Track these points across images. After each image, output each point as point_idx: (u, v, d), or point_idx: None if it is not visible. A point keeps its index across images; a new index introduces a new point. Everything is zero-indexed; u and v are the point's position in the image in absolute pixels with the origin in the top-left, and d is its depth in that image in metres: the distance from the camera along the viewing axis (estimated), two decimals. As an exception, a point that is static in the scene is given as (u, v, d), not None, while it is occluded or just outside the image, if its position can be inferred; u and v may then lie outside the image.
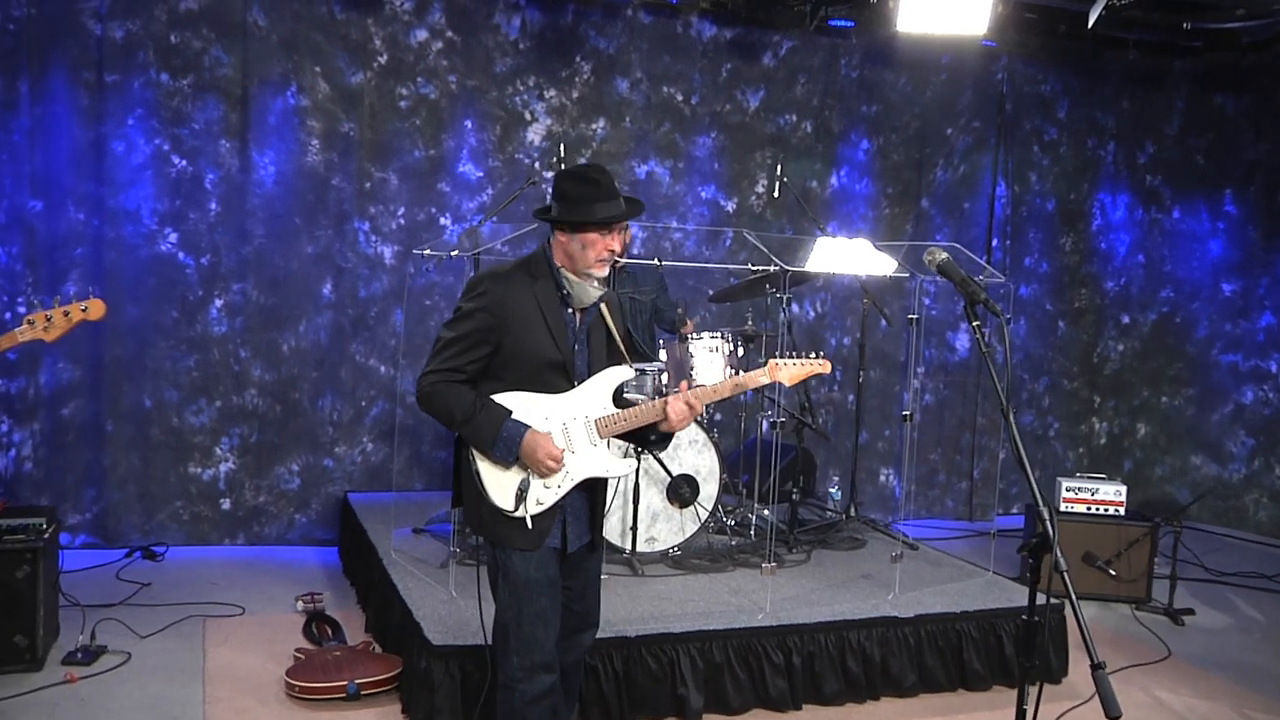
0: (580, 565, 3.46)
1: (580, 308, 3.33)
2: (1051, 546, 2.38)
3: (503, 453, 3.21)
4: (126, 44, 6.17)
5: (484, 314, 3.22)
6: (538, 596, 3.28)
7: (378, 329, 6.82)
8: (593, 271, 3.26)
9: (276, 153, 6.54)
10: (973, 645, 4.93)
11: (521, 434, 3.21)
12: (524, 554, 3.26)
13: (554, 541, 3.32)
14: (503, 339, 3.23)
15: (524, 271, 3.30)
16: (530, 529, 3.24)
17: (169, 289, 6.42)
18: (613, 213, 3.21)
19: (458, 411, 3.21)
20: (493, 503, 3.25)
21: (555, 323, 3.27)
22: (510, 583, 3.28)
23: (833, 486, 6.87)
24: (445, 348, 3.26)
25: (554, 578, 3.33)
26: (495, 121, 6.93)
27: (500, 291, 3.23)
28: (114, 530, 6.43)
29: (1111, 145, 8.43)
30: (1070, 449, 8.71)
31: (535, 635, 3.28)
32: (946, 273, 2.89)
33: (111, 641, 4.91)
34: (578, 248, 3.24)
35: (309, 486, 6.77)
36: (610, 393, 3.35)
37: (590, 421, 3.31)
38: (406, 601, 4.68)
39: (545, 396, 3.28)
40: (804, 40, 7.49)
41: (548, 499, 3.28)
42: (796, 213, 7.49)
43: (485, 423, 3.20)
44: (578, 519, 3.41)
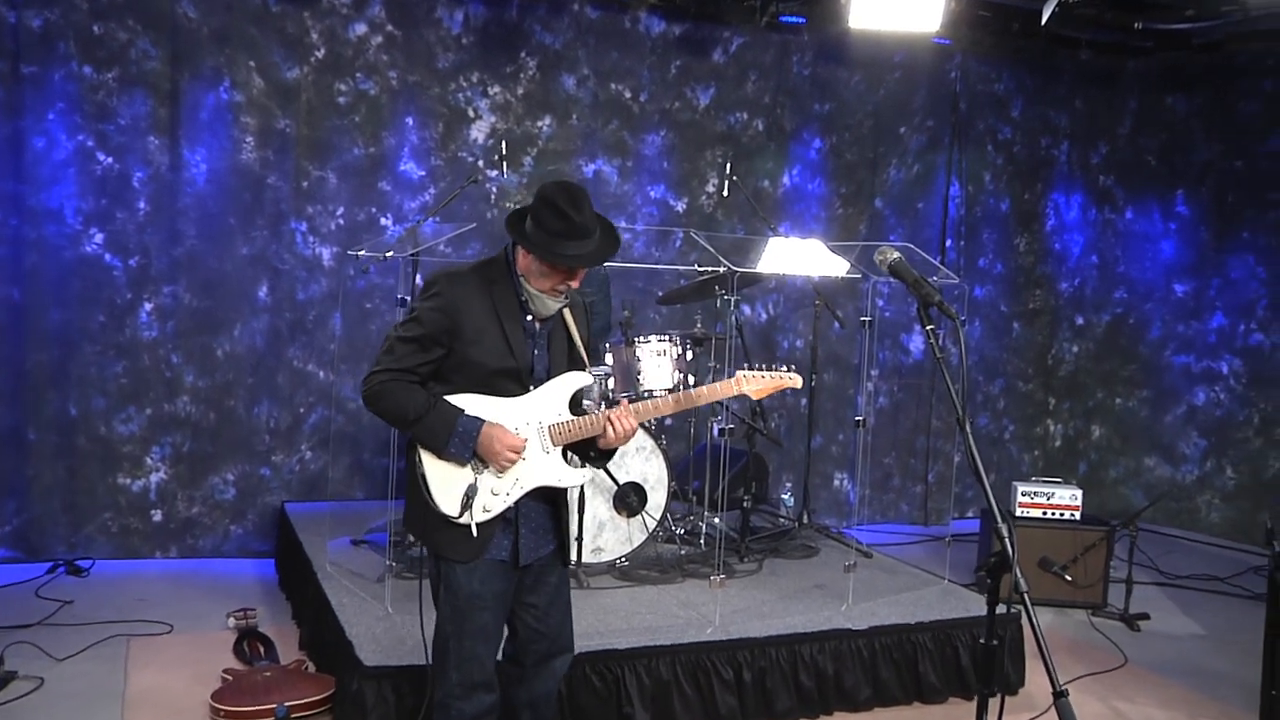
0: (543, 580, 3.28)
1: (540, 317, 3.17)
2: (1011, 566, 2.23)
3: (458, 449, 3.04)
4: (45, 34, 5.89)
5: (438, 314, 3.06)
6: (479, 611, 3.11)
7: (316, 333, 6.58)
8: (545, 297, 3.11)
9: (209, 150, 6.28)
10: (928, 657, 4.80)
11: (478, 428, 3.05)
12: (467, 566, 3.09)
13: (501, 554, 3.15)
14: (454, 342, 3.07)
15: (482, 274, 3.14)
16: (474, 537, 3.07)
17: (95, 292, 6.14)
18: (580, 252, 3.04)
19: (410, 410, 3.05)
20: (437, 508, 3.07)
21: (511, 328, 3.11)
22: (451, 595, 3.11)
23: (785, 493, 6.74)
24: (396, 348, 3.09)
25: (499, 592, 3.15)
26: (438, 119, 6.72)
27: (456, 293, 3.07)
28: (37, 544, 6.14)
29: (1065, 145, 8.38)
30: (1026, 451, 8.65)
31: (475, 651, 3.12)
32: (898, 273, 2.74)
33: (23, 666, 4.62)
34: (536, 272, 3.09)
35: (245, 497, 6.52)
36: (567, 399, 3.19)
37: (544, 428, 3.15)
38: (340, 618, 4.46)
39: (498, 400, 3.12)
40: (755, 37, 7.35)
41: (495, 506, 3.11)
42: (748, 213, 7.34)
43: (438, 420, 3.04)
44: (535, 529, 3.23)
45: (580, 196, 3.06)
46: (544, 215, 3.03)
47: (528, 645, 3.30)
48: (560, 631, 3.34)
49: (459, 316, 3.05)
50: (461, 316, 3.06)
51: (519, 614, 3.26)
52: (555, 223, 3.01)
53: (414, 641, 4.22)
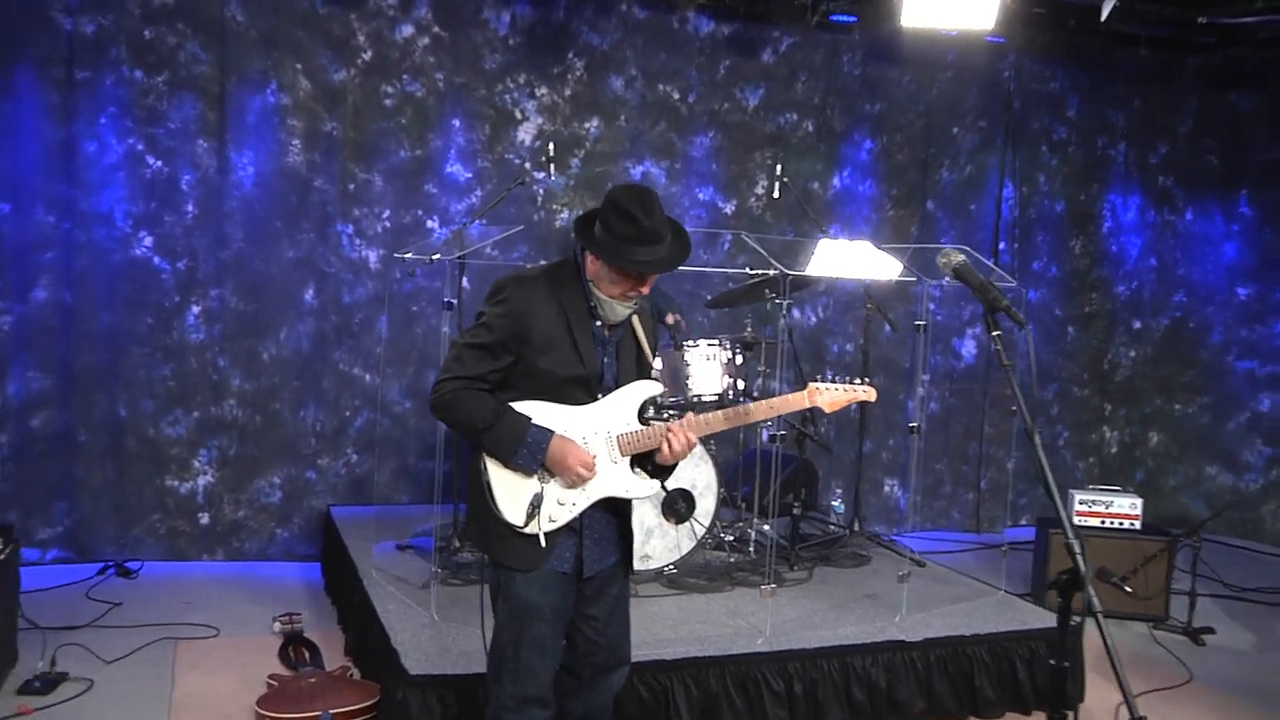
0: (605, 591, 3.21)
1: (610, 323, 3.10)
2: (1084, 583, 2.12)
3: (527, 460, 2.97)
4: (98, 39, 5.91)
5: (507, 320, 2.99)
6: (537, 622, 3.04)
7: (362, 336, 6.56)
8: (614, 303, 3.03)
9: (256, 153, 6.28)
10: (984, 670, 4.67)
11: (547, 440, 2.98)
12: (527, 575, 3.02)
13: (563, 565, 3.08)
14: (524, 349, 3.00)
15: (551, 279, 3.07)
16: (539, 547, 3.00)
17: (144, 295, 6.16)
18: (651, 258, 2.96)
19: (479, 418, 2.98)
20: (502, 516, 3.01)
21: (581, 335, 3.03)
22: (510, 605, 3.05)
23: (835, 499, 6.61)
24: (464, 355, 3.03)
25: (559, 605, 3.08)
26: (484, 120, 6.67)
27: (525, 298, 3.00)
28: (87, 545, 6.16)
29: (1122, 145, 8.17)
30: (1080, 458, 8.45)
31: (531, 664, 3.05)
32: (963, 277, 2.63)
33: (73, 668, 4.63)
34: (606, 278, 3.00)
35: (290, 500, 6.50)
36: (636, 408, 3.12)
37: (612, 438, 3.08)
38: (385, 625, 4.42)
39: (565, 408, 3.05)
40: (805, 36, 7.23)
41: (561, 516, 3.04)
42: (798, 215, 7.23)
43: (506, 430, 2.97)
44: (600, 540, 3.16)
45: (651, 200, 2.97)
46: (613, 220, 2.94)
47: (586, 657, 3.22)
48: (619, 644, 3.27)
49: (528, 322, 2.98)
50: (531, 322, 2.98)
51: (578, 625, 3.19)
52: (625, 227, 2.92)
53: (459, 650, 4.19)
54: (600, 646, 3.23)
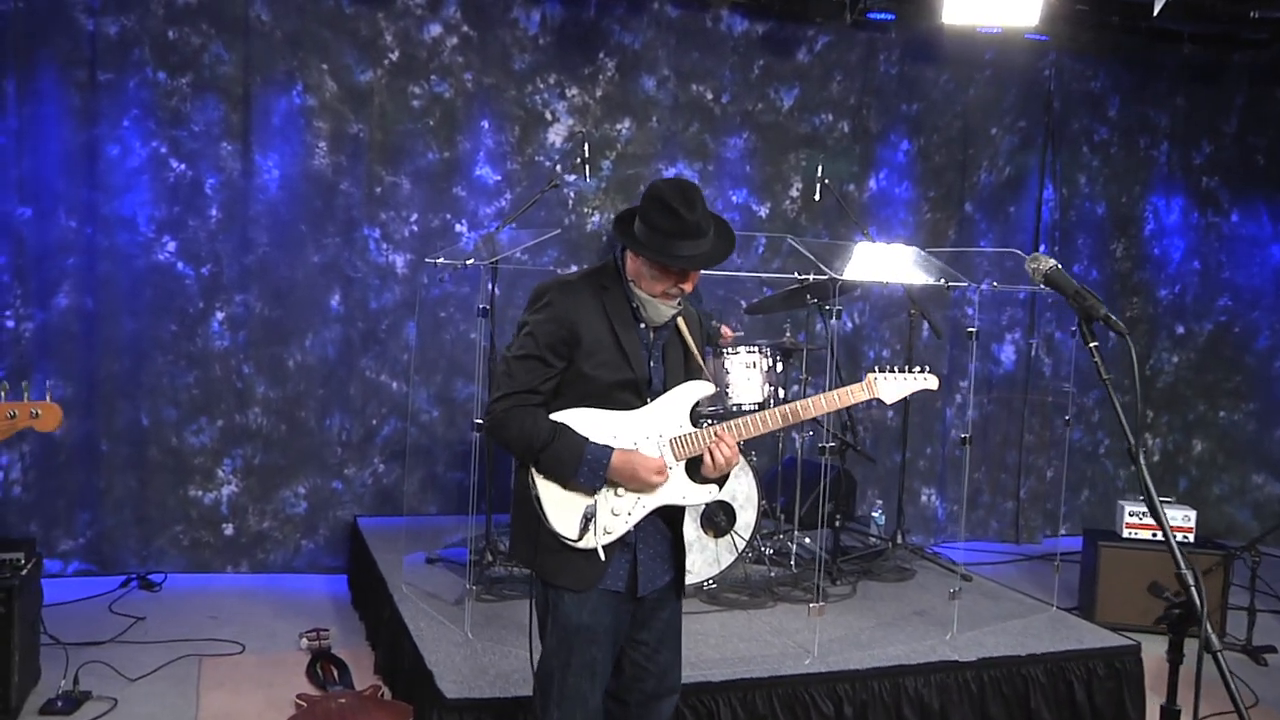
0: (656, 614, 3.04)
1: (654, 325, 2.95)
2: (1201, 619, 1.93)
3: (589, 479, 2.83)
4: (121, 40, 5.79)
5: (553, 326, 2.85)
6: (588, 645, 2.88)
7: (389, 343, 6.41)
8: (658, 303, 2.89)
9: (281, 156, 6.14)
10: (1041, 692, 4.47)
11: (607, 456, 2.84)
12: (577, 595, 2.87)
13: (617, 584, 2.92)
14: (574, 354, 2.86)
15: (592, 282, 2.94)
16: (595, 562, 2.85)
17: (167, 301, 6.03)
18: (694, 253, 2.82)
19: (535, 439, 2.83)
20: (554, 531, 2.85)
21: (628, 338, 2.90)
22: (559, 626, 2.90)
23: (875, 510, 6.41)
24: (514, 369, 2.89)
25: (610, 626, 2.92)
26: (514, 122, 6.52)
27: (569, 303, 2.87)
28: (109, 557, 6.03)
29: (1165, 145, 7.95)
30: (1122, 466, 8.21)
31: (580, 689, 2.89)
32: (1055, 284, 2.46)
33: (97, 686, 4.48)
34: (647, 275, 2.88)
35: (316, 510, 6.36)
36: (688, 410, 2.97)
37: (665, 441, 2.93)
38: (418, 645, 4.25)
39: (614, 413, 2.90)
40: (840, 35, 7.05)
41: (616, 528, 2.88)
42: (833, 217, 7.05)
43: (565, 449, 2.82)
44: (654, 557, 3.00)
45: (693, 193, 2.84)
46: (654, 214, 2.82)
47: (634, 684, 3.05)
48: (669, 671, 3.09)
49: (576, 327, 2.85)
50: (578, 327, 2.85)
51: (627, 650, 3.03)
52: (666, 222, 2.79)
53: (496, 671, 4.02)
54: (649, 673, 3.06)
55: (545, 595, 2.96)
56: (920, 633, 4.72)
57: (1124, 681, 4.59)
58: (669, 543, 3.05)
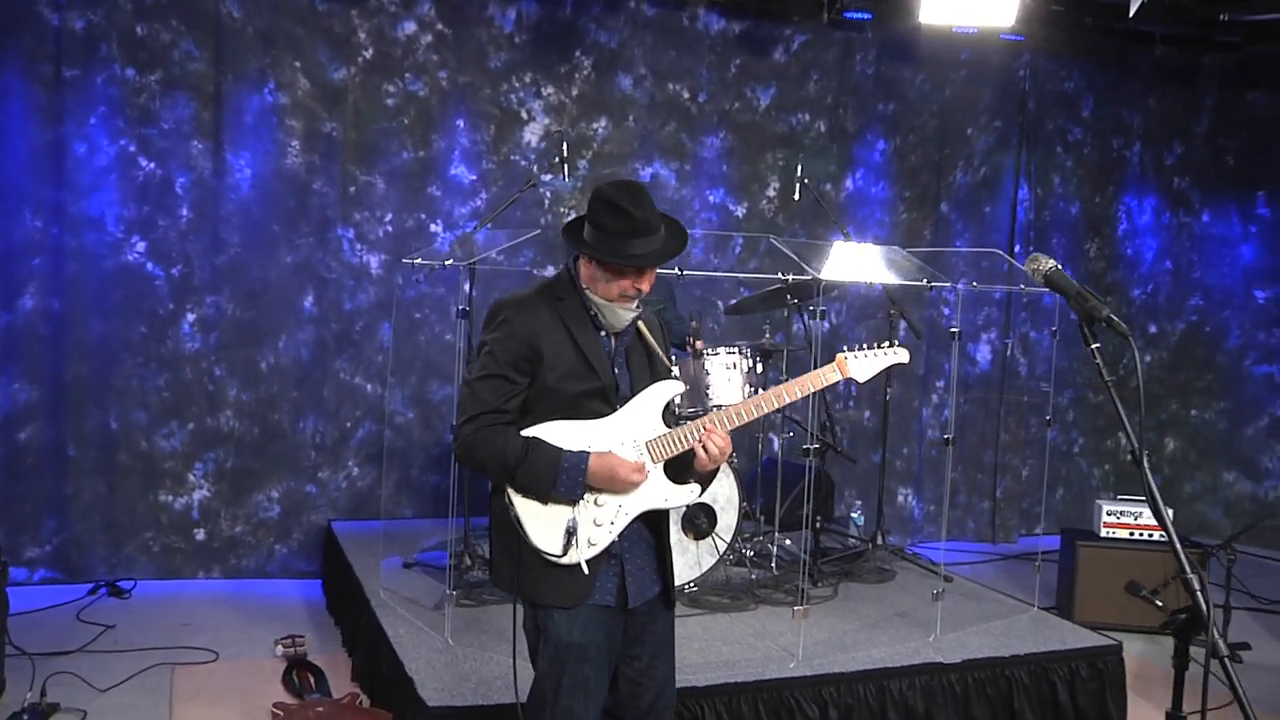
0: (648, 628, 2.97)
1: (613, 331, 2.90)
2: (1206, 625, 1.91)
3: (568, 488, 2.76)
4: (87, 35, 5.66)
5: (513, 342, 2.79)
6: (580, 664, 2.81)
7: (364, 344, 6.32)
8: (615, 307, 2.84)
9: (253, 154, 6.04)
10: (1024, 693, 4.46)
11: (584, 461, 2.77)
12: (567, 614, 2.80)
13: (606, 598, 2.85)
14: (537, 369, 2.80)
15: (547, 295, 2.88)
16: (584, 576, 2.79)
17: (137, 302, 5.91)
18: (646, 252, 2.77)
19: (509, 456, 2.76)
20: (536, 549, 2.79)
21: (589, 346, 2.84)
22: (550, 646, 2.83)
23: (855, 511, 6.39)
24: (478, 389, 2.82)
25: (601, 642, 2.85)
26: (489, 120, 6.45)
27: (525, 318, 2.81)
28: (77, 564, 5.91)
29: (1138, 146, 8.00)
30: (1096, 465, 8.27)
31: (574, 709, 2.82)
32: (1056, 284, 2.44)
33: (65, 697, 4.37)
34: (602, 279, 2.82)
35: (290, 515, 6.26)
36: (660, 411, 2.91)
37: (640, 445, 2.86)
38: (397, 651, 4.18)
39: (586, 423, 2.84)
40: (817, 34, 7.04)
41: (600, 539, 2.82)
42: (810, 217, 7.03)
43: (540, 461, 2.76)
44: (642, 567, 2.94)
45: (639, 191, 2.80)
46: (602, 216, 2.77)
47: (629, 700, 2.99)
48: (665, 686, 3.03)
49: (535, 341, 2.79)
50: (538, 340, 2.80)
51: (620, 666, 2.96)
52: (615, 222, 2.74)
53: (478, 678, 3.97)
54: (645, 688, 3.00)
55: (534, 617, 2.89)
56: (903, 634, 4.70)
57: (1106, 682, 4.59)
58: (655, 552, 2.99)
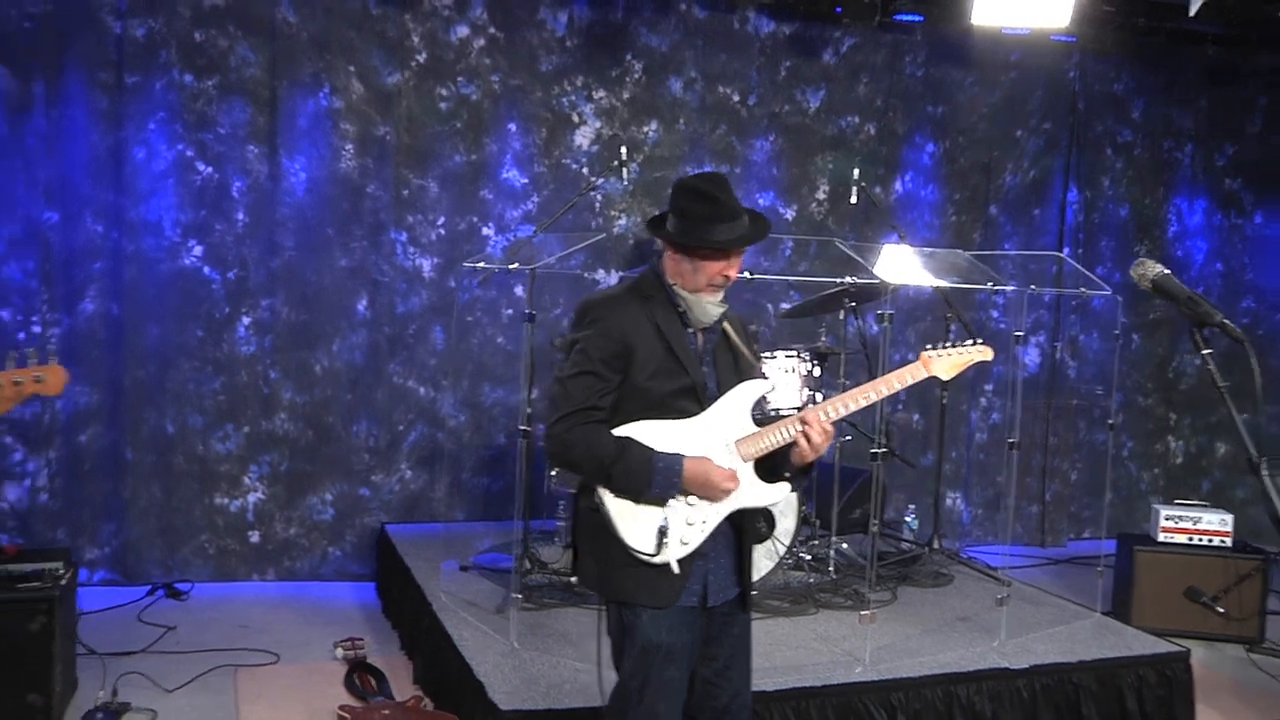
0: (726, 630, 2.97)
1: (701, 327, 2.90)
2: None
3: (663, 489, 2.77)
4: (148, 42, 5.71)
5: (604, 339, 2.81)
6: (666, 664, 2.82)
7: (416, 347, 6.34)
8: (703, 296, 2.85)
9: (308, 158, 6.07)
10: (1091, 700, 4.42)
11: (680, 464, 2.78)
12: (654, 614, 2.80)
13: (691, 599, 2.85)
14: (628, 367, 2.80)
15: (634, 293, 2.90)
16: (675, 575, 2.80)
17: (193, 306, 5.95)
18: (732, 235, 2.79)
19: (604, 455, 2.77)
20: (630, 549, 2.79)
21: (679, 344, 2.85)
22: (636, 646, 2.82)
23: (908, 515, 6.35)
24: (570, 388, 2.83)
25: (688, 643, 2.86)
26: (541, 124, 6.46)
27: (616, 316, 2.83)
28: (134, 567, 5.95)
29: (1189, 147, 7.92)
30: (1145, 469, 8.18)
31: (657, 709, 2.82)
32: (1165, 290, 2.41)
33: (135, 697, 4.42)
34: (689, 269, 2.84)
35: (343, 518, 6.28)
36: (748, 410, 2.91)
37: (731, 445, 2.87)
38: (464, 655, 4.19)
39: (674, 423, 2.84)
40: (867, 36, 7.00)
41: (693, 538, 2.82)
42: (860, 220, 7.01)
43: (635, 461, 2.76)
44: (723, 566, 2.93)
45: (721, 179, 2.87)
46: (686, 204, 2.81)
47: (705, 702, 2.98)
48: (741, 689, 3.03)
49: (627, 339, 2.80)
50: (630, 339, 2.81)
51: (698, 666, 2.95)
52: (701, 208, 2.79)
53: (547, 683, 3.97)
54: (721, 690, 3.00)
55: (620, 616, 2.89)
56: (967, 639, 4.67)
57: (1174, 689, 4.54)
58: (735, 552, 2.99)
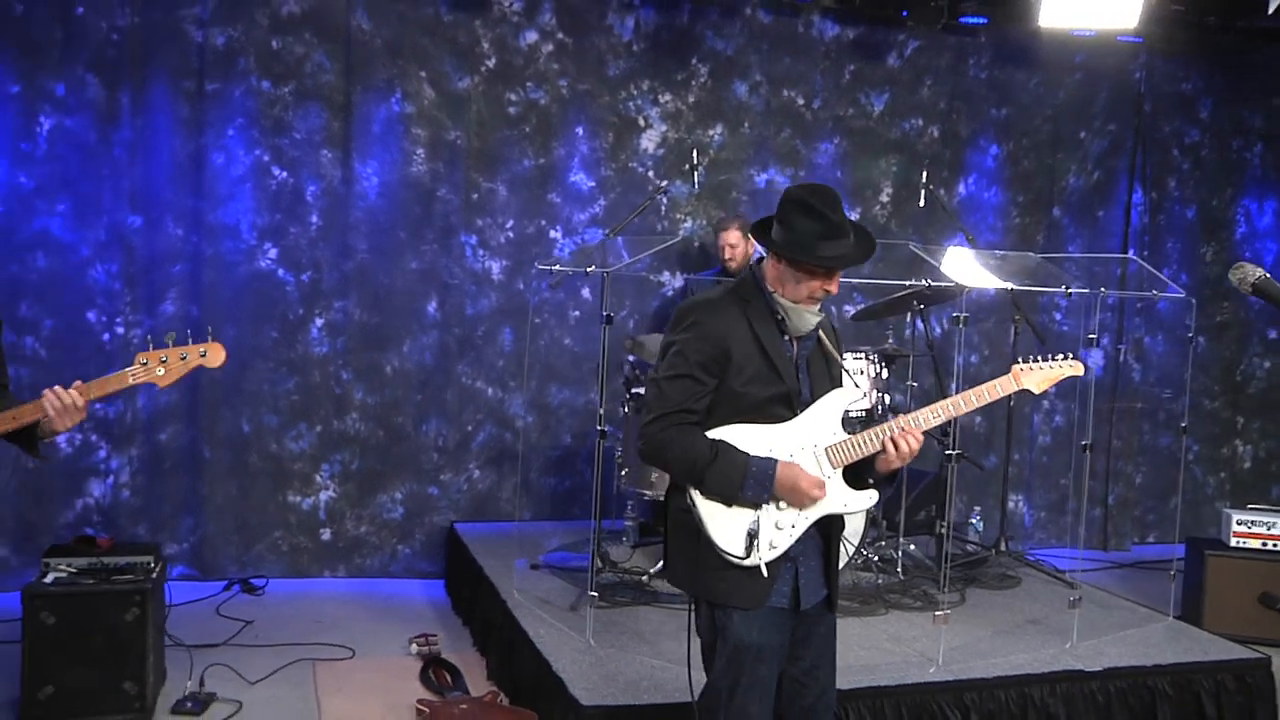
0: (814, 630, 3.02)
1: (797, 335, 2.94)
2: None
3: (755, 492, 2.81)
4: (228, 50, 5.86)
5: (703, 343, 2.85)
6: (757, 664, 2.86)
7: (485, 349, 6.44)
8: (802, 307, 2.88)
9: (380, 163, 6.19)
10: (1168, 704, 4.41)
11: (773, 469, 2.82)
12: (746, 614, 2.85)
13: (781, 600, 2.90)
14: (724, 371, 2.84)
15: (734, 298, 2.93)
16: (764, 578, 2.84)
17: (268, 308, 6.09)
18: (838, 254, 2.82)
19: (699, 458, 2.82)
20: (721, 551, 2.84)
21: (775, 351, 2.88)
22: (728, 646, 2.87)
23: (974, 517, 6.34)
24: (666, 389, 2.88)
25: (777, 645, 2.91)
26: (607, 128, 6.53)
27: (715, 321, 2.87)
28: (211, 562, 6.10)
29: (1259, 146, 7.81)
30: (1211, 473, 8.09)
31: (749, 710, 2.87)
32: (1266, 293, 2.41)
33: (220, 688, 4.54)
34: (791, 280, 2.86)
35: (412, 516, 6.39)
36: (839, 418, 2.94)
37: (821, 450, 2.91)
38: (542, 652, 4.26)
39: (766, 427, 2.88)
40: (930, 39, 7.00)
41: (782, 542, 2.86)
42: (923, 222, 7.01)
43: (729, 465, 2.80)
44: (813, 570, 2.97)
45: (833, 196, 2.87)
46: (796, 218, 2.83)
47: (793, 701, 3.02)
48: (827, 688, 3.07)
49: (726, 344, 2.84)
50: (728, 343, 2.84)
51: (786, 666, 3.00)
52: (811, 224, 2.81)
53: (625, 680, 4.03)
54: (808, 689, 3.03)
55: (711, 616, 2.93)
56: (1039, 641, 4.67)
57: (1254, 695, 4.51)
58: (823, 555, 3.03)
